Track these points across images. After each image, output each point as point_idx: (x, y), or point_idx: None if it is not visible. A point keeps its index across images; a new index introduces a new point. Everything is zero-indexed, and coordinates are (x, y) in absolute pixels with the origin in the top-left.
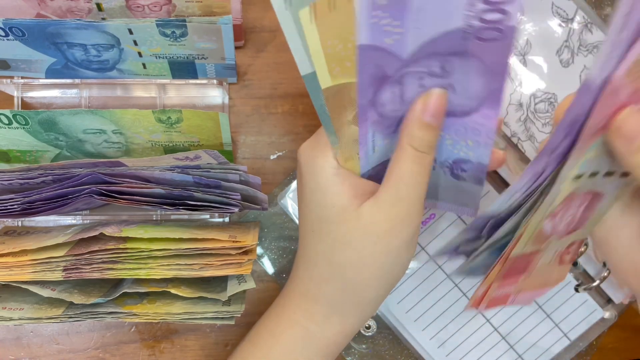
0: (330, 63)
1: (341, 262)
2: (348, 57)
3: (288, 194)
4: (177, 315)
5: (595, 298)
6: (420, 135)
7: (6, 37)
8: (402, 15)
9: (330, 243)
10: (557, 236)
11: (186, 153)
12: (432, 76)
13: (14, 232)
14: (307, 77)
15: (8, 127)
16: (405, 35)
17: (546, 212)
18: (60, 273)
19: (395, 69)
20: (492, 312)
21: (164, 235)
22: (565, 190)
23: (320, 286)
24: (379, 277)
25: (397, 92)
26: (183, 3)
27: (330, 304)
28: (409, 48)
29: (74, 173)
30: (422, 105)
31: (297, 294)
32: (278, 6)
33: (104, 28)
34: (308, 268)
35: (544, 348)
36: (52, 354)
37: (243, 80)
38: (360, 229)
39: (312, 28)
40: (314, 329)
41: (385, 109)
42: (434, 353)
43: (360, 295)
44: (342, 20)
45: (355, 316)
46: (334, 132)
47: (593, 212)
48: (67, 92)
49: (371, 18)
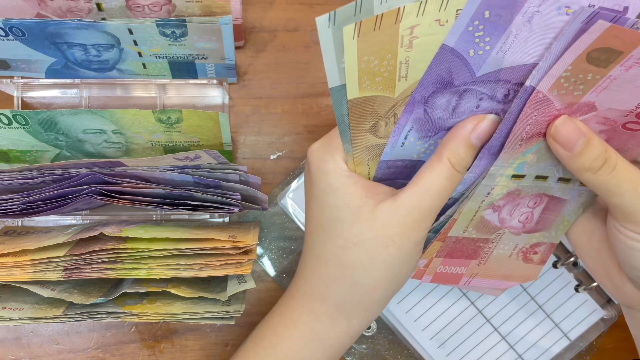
0: (361, 77)
1: (352, 262)
2: (380, 73)
3: (288, 194)
4: (177, 315)
5: (595, 298)
6: (463, 154)
7: (6, 37)
8: (496, 35)
9: (342, 243)
10: (513, 231)
11: (186, 153)
12: (492, 99)
13: (14, 232)
14: (334, 89)
15: (8, 127)
16: (489, 53)
17: (482, 203)
18: (60, 273)
19: (462, 81)
20: (491, 312)
21: (164, 235)
22: (501, 186)
23: (329, 286)
24: (387, 279)
25: (453, 102)
26: (183, 3)
27: (337, 304)
28: (485, 67)
29: (74, 173)
30: (473, 125)
31: (303, 294)
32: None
33: (104, 28)
34: (317, 268)
35: (544, 348)
36: (52, 354)
37: (243, 80)
38: (375, 229)
39: (353, 44)
40: (318, 329)
41: (433, 113)
42: (434, 353)
43: (367, 296)
44: (384, 40)
45: (361, 317)
46: (350, 140)
47: (557, 215)
48: (67, 92)
49: (469, 25)
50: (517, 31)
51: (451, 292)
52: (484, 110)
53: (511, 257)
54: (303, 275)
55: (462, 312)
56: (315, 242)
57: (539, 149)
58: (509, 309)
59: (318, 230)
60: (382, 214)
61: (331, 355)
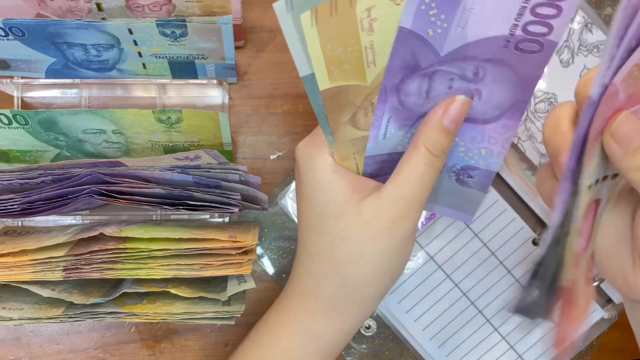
0: (329, 66)
1: (341, 257)
2: (347, 61)
3: (288, 194)
4: (177, 315)
5: (595, 298)
6: (437, 139)
7: (6, 37)
8: (450, 10)
9: (331, 239)
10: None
11: (186, 153)
12: (463, 79)
13: (14, 232)
14: (306, 78)
15: (8, 127)
16: (448, 31)
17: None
18: (60, 273)
19: (429, 63)
20: (491, 312)
21: (164, 235)
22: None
23: (320, 283)
24: (378, 274)
25: (424, 86)
26: (183, 3)
27: (330, 301)
28: (448, 46)
29: (74, 173)
30: (443, 109)
31: (297, 292)
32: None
33: (104, 28)
34: (308, 265)
35: (544, 348)
36: (52, 354)
37: (243, 80)
38: (361, 224)
39: (313, 31)
40: (314, 327)
41: (408, 99)
42: (434, 353)
43: (359, 292)
44: (343, 25)
45: (355, 314)
46: (331, 132)
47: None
48: (67, 92)
49: (420, 4)
50: (470, 5)
51: (451, 292)
52: (458, 91)
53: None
54: (297, 273)
55: (462, 312)
56: (307, 240)
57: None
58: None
59: (309, 228)
60: (367, 208)
61: (327, 353)
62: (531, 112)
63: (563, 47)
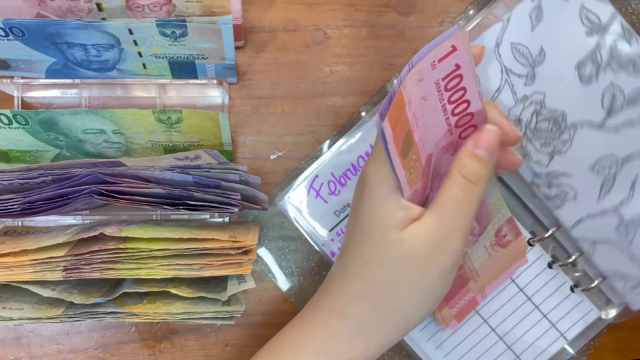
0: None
1: (376, 281)
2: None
3: (288, 195)
4: (177, 315)
5: (593, 299)
6: (470, 164)
7: (6, 37)
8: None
9: (369, 260)
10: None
11: (186, 153)
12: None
13: (14, 232)
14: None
15: (8, 127)
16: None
17: None
18: (60, 273)
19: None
20: (489, 313)
21: (164, 235)
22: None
23: (352, 303)
24: (410, 304)
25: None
26: (183, 3)
27: (357, 323)
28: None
29: (74, 173)
30: (473, 140)
31: (325, 309)
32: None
33: (104, 28)
34: (342, 283)
35: (541, 348)
36: (52, 354)
37: (243, 80)
38: (401, 252)
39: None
40: (336, 348)
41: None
42: (432, 354)
43: (388, 319)
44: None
45: (379, 341)
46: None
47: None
48: (67, 92)
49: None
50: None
51: None
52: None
53: (491, 255)
54: (329, 289)
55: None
56: (345, 258)
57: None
58: (505, 310)
59: (350, 246)
60: (408, 236)
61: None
62: (530, 130)
63: (587, 59)
